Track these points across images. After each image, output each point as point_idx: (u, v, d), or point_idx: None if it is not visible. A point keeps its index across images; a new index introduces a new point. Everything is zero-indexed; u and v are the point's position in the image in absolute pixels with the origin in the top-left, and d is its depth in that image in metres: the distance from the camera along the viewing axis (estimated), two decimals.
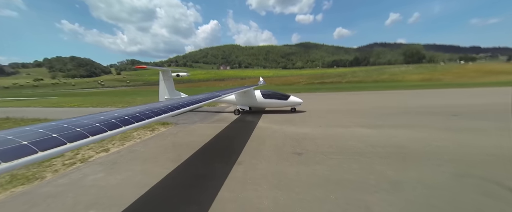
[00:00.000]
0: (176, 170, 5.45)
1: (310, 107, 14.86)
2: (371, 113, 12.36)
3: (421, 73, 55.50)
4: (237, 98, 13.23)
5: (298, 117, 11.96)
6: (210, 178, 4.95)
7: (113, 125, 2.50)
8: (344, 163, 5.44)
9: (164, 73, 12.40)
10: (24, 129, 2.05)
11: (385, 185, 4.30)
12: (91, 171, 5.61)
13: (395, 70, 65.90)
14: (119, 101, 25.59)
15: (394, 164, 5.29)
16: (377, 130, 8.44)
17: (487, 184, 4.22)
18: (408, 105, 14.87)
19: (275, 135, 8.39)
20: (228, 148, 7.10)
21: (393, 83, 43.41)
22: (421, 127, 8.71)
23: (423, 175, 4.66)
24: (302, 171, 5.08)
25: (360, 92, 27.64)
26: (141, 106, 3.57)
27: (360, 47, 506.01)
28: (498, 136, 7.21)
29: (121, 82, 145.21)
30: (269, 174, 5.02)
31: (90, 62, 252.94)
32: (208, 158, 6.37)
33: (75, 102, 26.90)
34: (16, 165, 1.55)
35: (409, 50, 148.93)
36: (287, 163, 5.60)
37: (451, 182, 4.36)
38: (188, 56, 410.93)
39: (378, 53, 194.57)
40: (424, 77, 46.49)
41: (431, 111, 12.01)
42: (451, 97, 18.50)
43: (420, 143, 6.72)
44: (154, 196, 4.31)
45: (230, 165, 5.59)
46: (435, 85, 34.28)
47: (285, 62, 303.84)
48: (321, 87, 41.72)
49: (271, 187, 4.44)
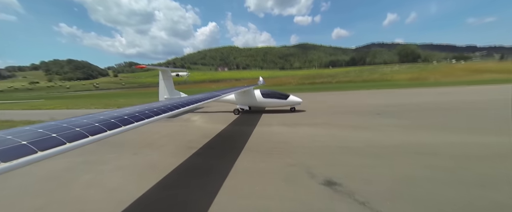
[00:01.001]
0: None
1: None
2: (306, 113, 12.83)
3: (410, 73, 55.71)
4: (237, 98, 13.17)
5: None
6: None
7: (113, 125, 2.48)
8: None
9: (164, 73, 12.34)
10: (24, 129, 2.03)
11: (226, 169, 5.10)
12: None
13: (386, 69, 66.15)
14: (97, 102, 25.71)
15: (255, 155, 5.96)
16: (288, 128, 9.02)
17: (298, 170, 4.86)
18: (347, 104, 15.68)
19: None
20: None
21: (381, 83, 43.50)
22: (328, 125, 9.15)
23: (261, 164, 5.32)
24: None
25: (335, 92, 27.68)
26: (141, 106, 3.54)
27: (357, 48, 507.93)
28: (377, 132, 7.70)
29: (117, 84, 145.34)
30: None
31: (87, 65, 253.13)
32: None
33: (55, 105, 26.96)
34: (15, 165, 1.52)
35: (404, 50, 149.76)
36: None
37: (275, 169, 5.04)
38: (186, 58, 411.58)
39: (374, 53, 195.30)
40: (412, 77, 46.61)
41: (361, 110, 12.45)
42: (404, 96, 18.34)
43: (302, 139, 7.26)
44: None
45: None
46: (419, 84, 34.41)
47: (282, 63, 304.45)
48: (310, 88, 41.85)
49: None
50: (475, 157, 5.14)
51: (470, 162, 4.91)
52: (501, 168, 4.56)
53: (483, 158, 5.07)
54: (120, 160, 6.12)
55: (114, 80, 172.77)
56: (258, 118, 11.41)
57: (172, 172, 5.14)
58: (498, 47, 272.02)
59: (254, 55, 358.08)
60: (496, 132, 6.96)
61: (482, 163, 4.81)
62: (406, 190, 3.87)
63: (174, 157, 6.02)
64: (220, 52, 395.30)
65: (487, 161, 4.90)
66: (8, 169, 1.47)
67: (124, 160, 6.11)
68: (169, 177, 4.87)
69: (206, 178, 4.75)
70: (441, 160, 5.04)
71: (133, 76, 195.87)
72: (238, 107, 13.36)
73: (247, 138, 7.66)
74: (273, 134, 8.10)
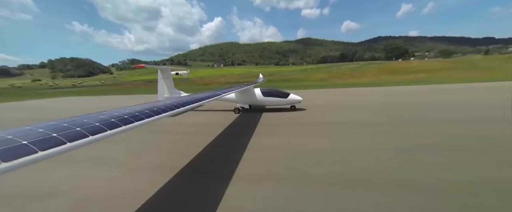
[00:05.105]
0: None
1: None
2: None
3: (326, 73, 55.18)
4: (237, 97, 13.21)
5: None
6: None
7: (113, 124, 2.50)
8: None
9: (163, 72, 12.13)
10: (24, 128, 2.04)
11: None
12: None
13: (332, 69, 65.68)
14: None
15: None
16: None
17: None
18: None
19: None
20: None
21: (300, 83, 44.11)
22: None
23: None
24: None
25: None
26: (141, 105, 3.54)
27: (362, 42, 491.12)
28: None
29: (109, 81, 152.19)
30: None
31: (89, 63, 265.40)
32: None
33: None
34: (16, 165, 1.53)
35: (390, 46, 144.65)
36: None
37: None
38: (188, 54, 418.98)
39: (364, 49, 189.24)
40: (323, 77, 46.47)
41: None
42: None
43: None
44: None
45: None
46: (307, 85, 35.09)
47: (279, 59, 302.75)
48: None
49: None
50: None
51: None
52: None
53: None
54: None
55: (106, 77, 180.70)
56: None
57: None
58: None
59: (252, 51, 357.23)
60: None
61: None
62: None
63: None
64: (220, 48, 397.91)
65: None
66: (9, 169, 1.48)
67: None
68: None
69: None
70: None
71: (128, 74, 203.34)
72: (239, 106, 13.33)
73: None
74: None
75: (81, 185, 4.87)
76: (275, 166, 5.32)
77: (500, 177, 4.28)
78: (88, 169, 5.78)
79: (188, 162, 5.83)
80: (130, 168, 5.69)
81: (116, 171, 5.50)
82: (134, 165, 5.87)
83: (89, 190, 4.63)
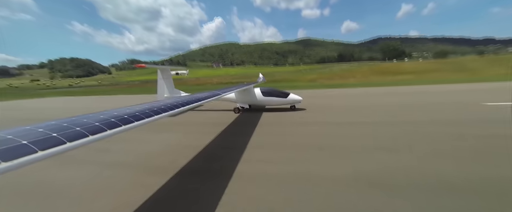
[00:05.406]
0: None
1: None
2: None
3: (318, 73, 55.17)
4: (237, 96, 13.35)
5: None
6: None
7: (113, 124, 2.52)
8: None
9: (163, 72, 12.23)
10: (24, 128, 2.05)
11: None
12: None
13: (325, 69, 65.79)
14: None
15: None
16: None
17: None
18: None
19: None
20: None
21: (286, 83, 44.22)
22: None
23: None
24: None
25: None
26: (141, 105, 3.56)
27: (362, 42, 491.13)
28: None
29: (107, 81, 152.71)
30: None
31: (88, 63, 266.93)
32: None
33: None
34: (16, 165, 1.54)
35: (386, 46, 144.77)
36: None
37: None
38: (187, 55, 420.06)
39: (361, 50, 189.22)
40: (312, 78, 46.44)
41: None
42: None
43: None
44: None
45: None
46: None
47: (278, 59, 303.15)
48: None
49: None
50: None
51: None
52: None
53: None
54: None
55: (104, 77, 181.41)
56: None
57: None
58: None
59: (252, 51, 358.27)
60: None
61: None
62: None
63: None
64: (220, 49, 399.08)
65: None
66: (9, 169, 1.49)
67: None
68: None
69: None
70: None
71: (126, 74, 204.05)
72: (239, 106, 13.46)
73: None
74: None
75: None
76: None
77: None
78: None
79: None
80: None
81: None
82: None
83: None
